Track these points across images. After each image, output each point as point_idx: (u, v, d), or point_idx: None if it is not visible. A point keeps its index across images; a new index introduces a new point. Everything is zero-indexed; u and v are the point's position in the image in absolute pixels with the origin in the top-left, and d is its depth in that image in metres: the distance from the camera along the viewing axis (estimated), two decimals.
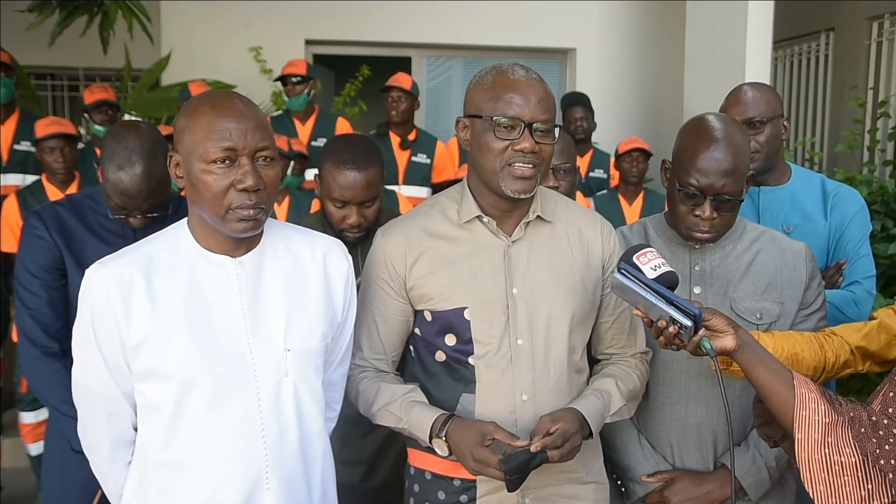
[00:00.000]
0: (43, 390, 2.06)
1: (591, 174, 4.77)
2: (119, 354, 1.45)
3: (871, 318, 1.76)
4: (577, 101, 4.77)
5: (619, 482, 1.92)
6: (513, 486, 1.54)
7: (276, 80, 4.49)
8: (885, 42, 5.48)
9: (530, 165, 1.58)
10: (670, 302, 1.44)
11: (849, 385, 3.21)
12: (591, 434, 1.66)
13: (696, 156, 1.69)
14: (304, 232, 1.65)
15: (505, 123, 1.56)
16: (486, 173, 1.61)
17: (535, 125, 1.56)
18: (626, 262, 1.49)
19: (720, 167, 1.67)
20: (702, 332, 1.43)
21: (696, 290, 1.81)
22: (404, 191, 4.23)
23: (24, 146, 4.04)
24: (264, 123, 1.46)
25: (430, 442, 1.62)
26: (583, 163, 4.72)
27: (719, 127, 1.72)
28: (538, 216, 1.70)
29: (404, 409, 1.65)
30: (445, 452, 1.60)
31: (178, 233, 1.53)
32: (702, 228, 1.73)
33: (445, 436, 1.59)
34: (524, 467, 1.52)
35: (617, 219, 4.05)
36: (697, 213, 1.71)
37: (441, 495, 1.73)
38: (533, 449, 1.52)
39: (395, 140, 4.48)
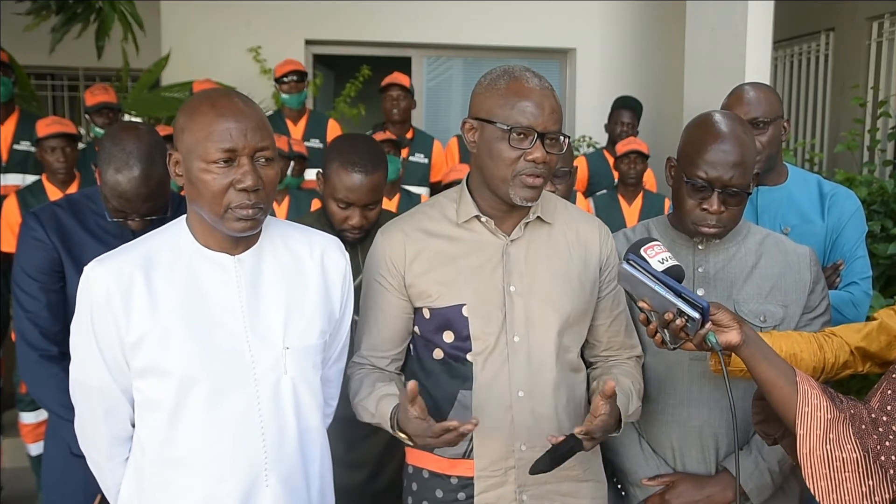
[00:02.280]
0: (41, 394, 2.04)
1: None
2: (118, 352, 1.45)
3: (872, 319, 1.75)
4: (628, 106, 4.76)
5: (618, 485, 1.92)
6: (539, 470, 1.55)
7: (276, 80, 4.48)
8: (885, 42, 5.48)
9: (540, 177, 1.59)
10: (678, 294, 1.43)
11: (849, 385, 3.20)
12: (618, 431, 1.66)
13: (705, 148, 1.71)
14: (302, 230, 1.65)
15: (519, 131, 1.56)
16: (496, 180, 1.61)
17: (546, 134, 1.57)
18: (634, 254, 1.49)
19: (728, 159, 1.69)
20: (708, 325, 1.43)
21: (700, 293, 1.81)
22: None
23: (24, 146, 4.04)
24: (264, 123, 1.46)
25: (397, 437, 1.62)
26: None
27: (726, 122, 1.74)
28: (537, 217, 1.70)
29: (375, 403, 1.66)
30: (411, 444, 1.60)
31: (177, 230, 1.53)
32: (709, 222, 1.73)
33: (399, 428, 1.59)
34: (565, 458, 1.54)
35: (617, 219, 4.06)
36: (705, 206, 1.72)
37: (439, 493, 1.74)
38: (577, 432, 1.52)
39: (393, 139, 4.48)
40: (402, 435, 1.59)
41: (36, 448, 3.69)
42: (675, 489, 1.81)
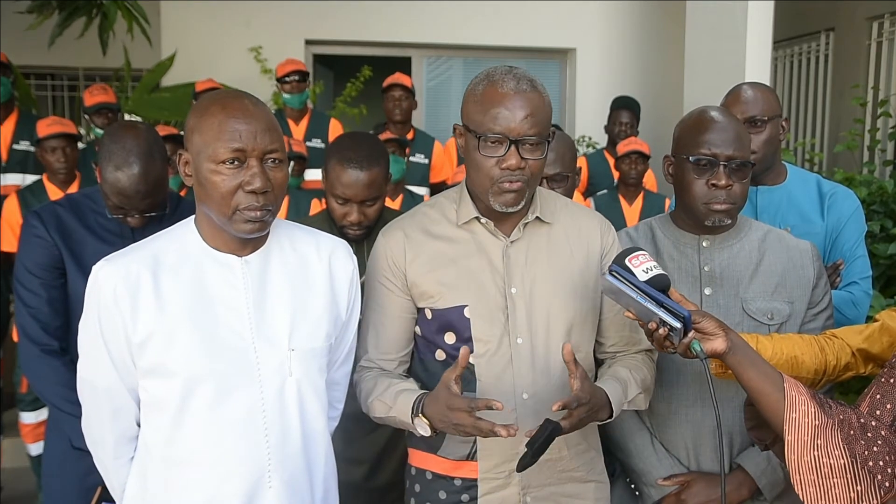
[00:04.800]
0: (42, 388, 2.08)
1: None
2: (125, 351, 1.45)
3: (874, 321, 1.75)
4: (627, 106, 4.78)
5: (632, 486, 1.92)
6: (527, 464, 1.53)
7: (278, 80, 4.48)
8: (885, 42, 5.48)
9: (518, 182, 1.57)
10: (660, 304, 1.44)
11: (849, 385, 3.20)
12: (610, 415, 1.64)
13: (704, 129, 1.78)
14: (310, 232, 1.65)
15: (492, 139, 1.55)
16: (476, 187, 1.62)
17: (522, 141, 1.55)
18: (618, 265, 1.50)
19: (727, 134, 1.76)
20: (691, 334, 1.44)
21: (707, 292, 1.81)
22: None
23: (23, 146, 4.04)
24: (274, 125, 1.46)
25: (413, 423, 1.61)
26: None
27: (717, 109, 1.85)
28: (536, 217, 1.70)
29: (394, 396, 1.65)
30: (427, 431, 1.58)
31: (185, 231, 1.53)
32: (719, 198, 1.75)
33: (422, 412, 1.57)
34: (545, 446, 1.51)
35: (617, 219, 4.05)
36: (713, 181, 1.74)
37: (442, 495, 1.73)
38: (554, 408, 1.49)
39: (398, 138, 4.47)
40: (424, 419, 1.57)
41: (36, 448, 3.69)
42: (691, 489, 1.81)
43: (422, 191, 4.50)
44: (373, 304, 1.75)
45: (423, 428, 1.59)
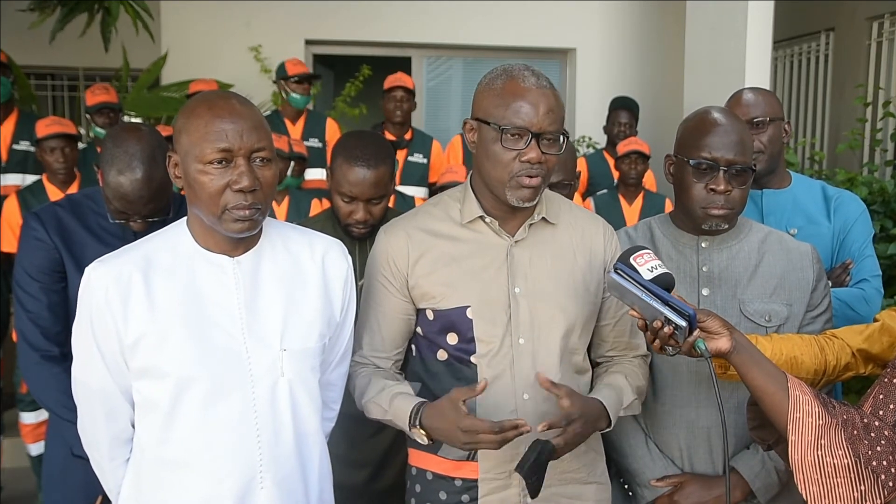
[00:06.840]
0: (42, 394, 2.04)
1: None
2: (117, 352, 1.46)
3: (874, 321, 1.76)
4: (626, 106, 4.79)
5: (625, 486, 1.92)
6: (535, 490, 1.53)
7: (282, 78, 4.45)
8: (885, 42, 5.48)
9: (537, 177, 1.58)
10: (665, 302, 1.45)
11: (850, 385, 3.20)
12: (608, 425, 1.66)
13: (706, 132, 1.76)
14: (304, 232, 1.65)
15: (512, 132, 1.56)
16: (492, 181, 1.62)
17: (542, 135, 1.56)
18: (623, 263, 1.51)
19: (729, 138, 1.75)
20: (696, 332, 1.44)
21: (705, 292, 1.81)
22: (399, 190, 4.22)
23: (23, 146, 4.04)
24: (261, 124, 1.46)
25: (410, 433, 1.62)
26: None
27: (720, 110, 1.83)
28: (542, 218, 1.70)
29: (389, 400, 1.65)
30: (425, 441, 1.59)
31: (177, 232, 1.53)
32: (717, 203, 1.75)
33: (420, 424, 1.58)
34: (538, 466, 1.51)
35: (617, 219, 4.06)
36: (712, 186, 1.74)
37: (442, 495, 1.74)
38: (540, 429, 1.51)
39: (389, 140, 4.47)
40: (421, 431, 1.58)
41: (36, 448, 3.69)
42: (684, 490, 1.81)
43: (420, 191, 4.51)
44: (370, 302, 1.75)
45: (420, 438, 1.60)
